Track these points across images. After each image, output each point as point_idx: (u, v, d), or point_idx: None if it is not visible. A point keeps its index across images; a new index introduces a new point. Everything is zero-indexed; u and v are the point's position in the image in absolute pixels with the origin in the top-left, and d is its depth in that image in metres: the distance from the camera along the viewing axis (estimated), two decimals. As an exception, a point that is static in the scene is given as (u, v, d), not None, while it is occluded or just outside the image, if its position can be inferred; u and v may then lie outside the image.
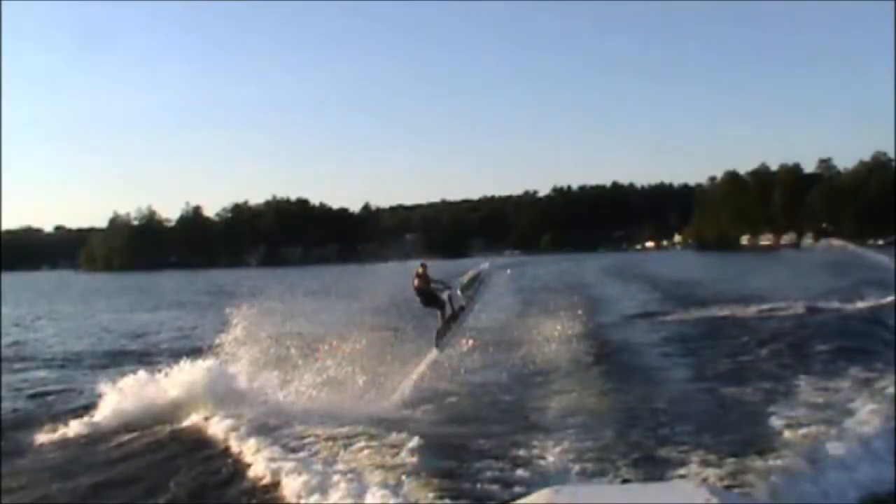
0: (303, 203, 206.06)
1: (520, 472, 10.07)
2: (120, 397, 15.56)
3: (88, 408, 15.92)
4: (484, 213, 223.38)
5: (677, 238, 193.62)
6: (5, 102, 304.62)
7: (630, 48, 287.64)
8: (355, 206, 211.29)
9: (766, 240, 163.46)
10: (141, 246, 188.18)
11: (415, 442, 11.05)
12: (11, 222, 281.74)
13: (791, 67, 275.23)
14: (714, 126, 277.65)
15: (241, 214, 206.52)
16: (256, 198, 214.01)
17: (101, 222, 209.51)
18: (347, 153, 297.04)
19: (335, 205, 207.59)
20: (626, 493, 5.48)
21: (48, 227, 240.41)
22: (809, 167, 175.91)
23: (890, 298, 28.25)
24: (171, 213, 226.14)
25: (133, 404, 15.22)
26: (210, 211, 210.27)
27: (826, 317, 26.46)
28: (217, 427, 13.23)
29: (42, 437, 14.32)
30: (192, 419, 14.19)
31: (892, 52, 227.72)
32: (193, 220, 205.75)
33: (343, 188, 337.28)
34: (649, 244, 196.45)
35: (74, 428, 14.62)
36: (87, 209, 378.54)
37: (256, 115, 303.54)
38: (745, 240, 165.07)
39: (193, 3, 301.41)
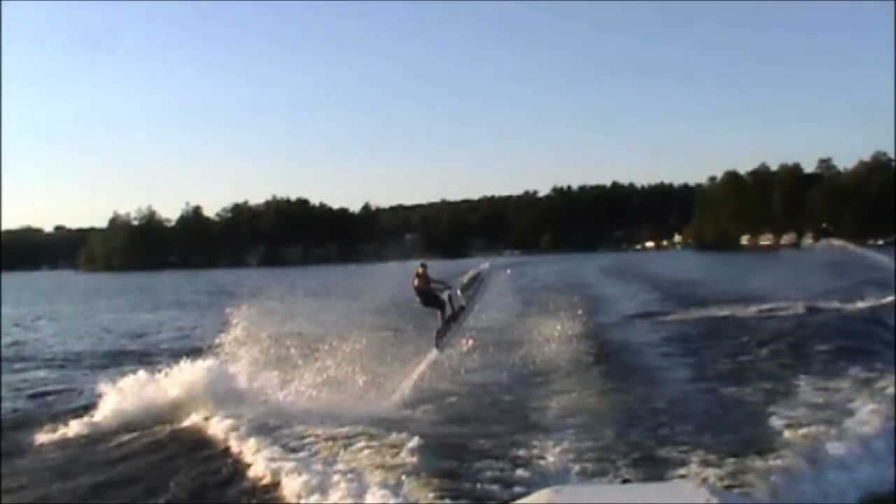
0: (303, 203, 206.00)
1: (520, 472, 10.07)
2: (120, 397, 15.57)
3: (88, 408, 15.94)
4: (484, 213, 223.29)
5: (677, 238, 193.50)
6: (5, 102, 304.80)
7: (630, 48, 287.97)
8: (355, 206, 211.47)
9: (766, 240, 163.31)
10: (141, 246, 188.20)
11: (415, 442, 11.05)
12: (11, 222, 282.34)
13: (791, 67, 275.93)
14: (714, 126, 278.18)
15: (241, 214, 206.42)
16: (256, 198, 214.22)
17: (101, 222, 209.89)
18: (347, 153, 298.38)
19: (335, 205, 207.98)
20: (626, 493, 5.47)
21: (48, 227, 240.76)
22: (809, 167, 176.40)
23: (890, 298, 28.26)
24: (171, 213, 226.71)
25: (133, 404, 15.23)
26: (210, 211, 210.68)
27: (826, 317, 26.46)
28: (217, 427, 13.24)
29: (42, 437, 14.33)
30: (192, 419, 14.20)
31: (892, 52, 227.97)
32: (193, 220, 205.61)
33: (343, 188, 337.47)
34: (649, 244, 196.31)
35: (74, 428, 14.64)
36: (87, 209, 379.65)
37: (257, 115, 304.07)
38: (745, 240, 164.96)
39: (193, 3, 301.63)
